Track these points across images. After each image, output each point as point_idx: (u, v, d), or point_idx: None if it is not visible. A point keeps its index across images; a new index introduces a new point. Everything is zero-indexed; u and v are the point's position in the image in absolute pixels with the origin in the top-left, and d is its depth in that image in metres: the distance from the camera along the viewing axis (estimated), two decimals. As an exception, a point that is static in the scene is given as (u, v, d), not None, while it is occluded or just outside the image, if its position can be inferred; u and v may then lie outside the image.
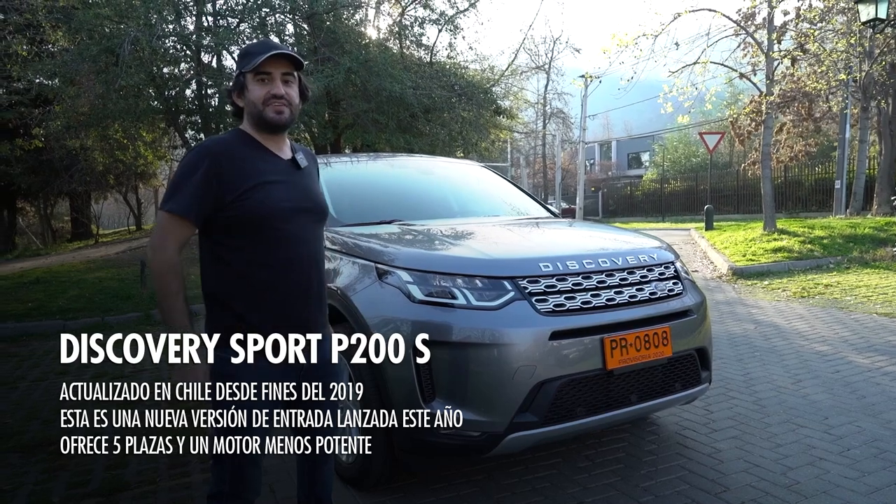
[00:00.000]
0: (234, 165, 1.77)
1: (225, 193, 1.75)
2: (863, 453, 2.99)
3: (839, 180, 17.34)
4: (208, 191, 1.74)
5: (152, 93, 12.91)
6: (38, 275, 9.91)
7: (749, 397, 3.88)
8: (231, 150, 1.80)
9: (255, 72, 1.79)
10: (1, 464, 3.30)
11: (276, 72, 1.80)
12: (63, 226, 29.46)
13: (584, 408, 2.44)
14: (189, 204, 1.73)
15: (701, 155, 35.63)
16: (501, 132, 19.56)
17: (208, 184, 1.74)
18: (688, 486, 2.74)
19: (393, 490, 2.79)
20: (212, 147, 1.79)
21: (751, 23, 14.95)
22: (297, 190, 1.87)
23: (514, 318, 2.38)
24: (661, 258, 2.86)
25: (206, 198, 1.74)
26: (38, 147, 17.34)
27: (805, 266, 9.37)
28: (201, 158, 1.76)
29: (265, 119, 1.81)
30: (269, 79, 1.80)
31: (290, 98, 1.82)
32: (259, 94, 1.80)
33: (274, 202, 1.78)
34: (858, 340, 5.13)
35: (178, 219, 1.75)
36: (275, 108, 1.80)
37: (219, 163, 1.75)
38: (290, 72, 1.83)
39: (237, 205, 1.75)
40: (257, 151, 1.84)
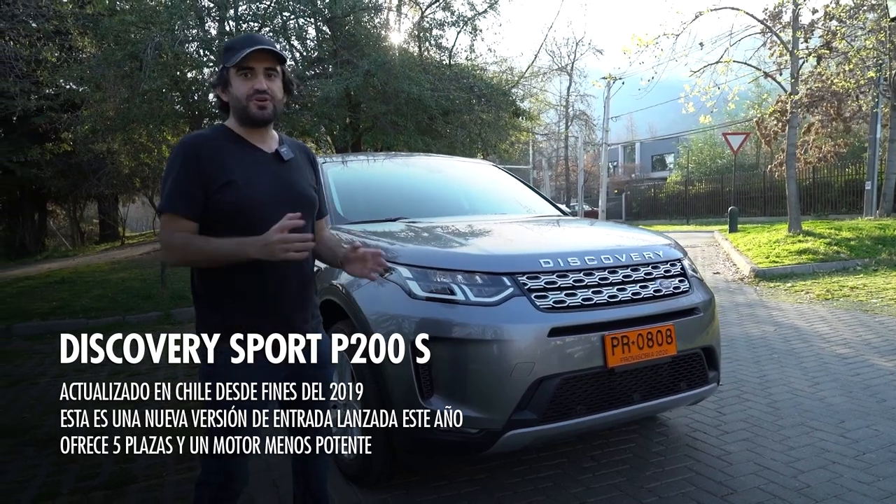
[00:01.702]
0: (213, 158, 1.78)
1: (206, 185, 1.76)
2: (879, 457, 2.90)
3: (870, 181, 16.89)
4: (192, 183, 1.75)
5: (176, 97, 13.14)
6: (64, 275, 10.14)
7: (763, 399, 3.79)
8: (210, 143, 1.81)
9: (237, 67, 1.80)
10: (16, 456, 3.38)
11: (259, 67, 1.80)
12: (92, 228, 30.14)
13: (584, 406, 2.41)
14: (174, 200, 1.75)
15: (726, 157, 35.07)
16: (521, 134, 19.47)
17: (190, 176, 1.75)
18: (694, 488, 2.68)
19: (394, 487, 2.78)
20: (188, 142, 1.81)
21: (777, 21, 14.69)
22: (278, 183, 1.86)
23: (513, 315, 2.36)
24: (667, 255, 2.81)
25: (192, 190, 1.75)
26: (67, 151, 17.79)
27: (830, 268, 9.14)
28: (178, 154, 1.79)
29: (249, 114, 1.82)
30: (252, 74, 1.80)
31: (272, 93, 1.83)
32: (242, 89, 1.81)
33: (253, 195, 1.78)
34: (882, 343, 4.99)
35: (169, 216, 1.77)
36: (258, 103, 1.80)
37: (197, 156, 1.77)
38: (273, 66, 1.83)
39: (216, 198, 1.77)
40: (237, 145, 1.85)
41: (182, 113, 13.44)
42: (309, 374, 1.98)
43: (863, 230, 11.25)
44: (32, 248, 19.27)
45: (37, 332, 6.97)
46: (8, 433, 3.73)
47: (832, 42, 13.24)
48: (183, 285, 9.15)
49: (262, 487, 2.86)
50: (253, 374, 1.83)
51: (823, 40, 14.07)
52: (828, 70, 16.48)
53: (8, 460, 3.32)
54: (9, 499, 2.86)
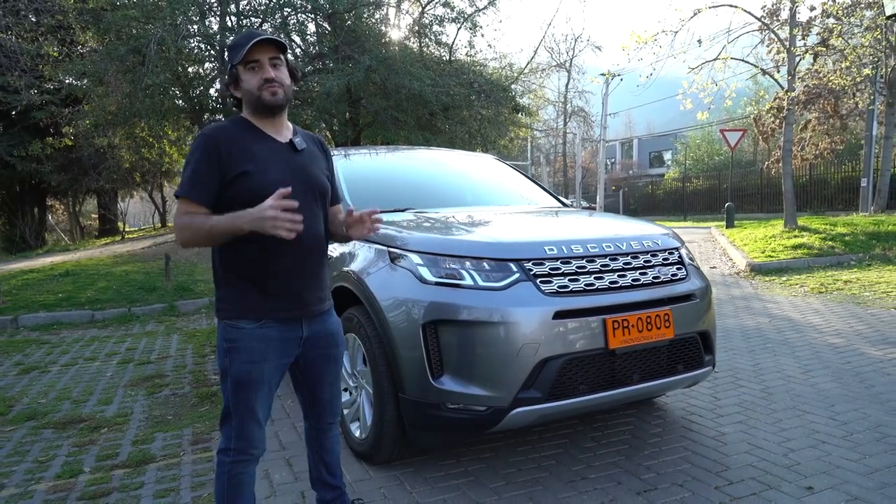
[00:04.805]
0: (231, 147, 1.91)
1: (224, 173, 1.88)
2: (866, 437, 3.03)
3: (865, 178, 17.03)
4: (210, 170, 1.87)
5: (177, 91, 13.21)
6: (68, 268, 10.22)
7: (757, 385, 3.92)
8: (228, 133, 1.94)
9: (244, 62, 1.92)
10: (36, 438, 3.49)
11: (264, 58, 1.93)
12: (91, 223, 30.19)
13: (586, 386, 2.53)
14: (190, 187, 1.87)
15: (724, 153, 35.22)
16: (521, 130, 19.58)
17: (209, 164, 1.87)
18: (690, 466, 2.81)
19: (404, 465, 2.90)
20: (208, 132, 1.93)
21: (774, 19, 14.81)
22: (292, 170, 1.99)
23: (519, 298, 2.48)
24: (666, 244, 2.94)
25: (210, 177, 1.88)
26: (68, 145, 17.84)
27: (825, 263, 9.29)
28: (199, 143, 1.91)
29: (263, 102, 1.94)
30: (259, 66, 1.93)
31: (280, 80, 1.95)
32: (253, 81, 1.93)
33: (268, 182, 1.89)
34: (873, 334, 5.13)
35: (185, 201, 1.89)
36: (269, 90, 1.93)
37: (216, 144, 1.89)
38: (277, 56, 1.96)
39: (234, 185, 1.89)
40: (253, 135, 1.98)
41: (183, 107, 13.52)
42: (322, 352, 2.11)
43: (857, 226, 11.40)
44: (33, 242, 19.32)
45: (44, 323, 7.07)
46: (26, 417, 3.85)
47: (829, 39, 13.36)
48: (186, 278, 9.26)
49: (277, 465, 2.98)
50: (269, 350, 1.96)
51: (820, 38, 14.19)
52: (824, 67, 16.63)
53: (29, 441, 3.44)
54: (34, 476, 2.98)
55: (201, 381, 4.55)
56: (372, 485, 2.73)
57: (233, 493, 1.97)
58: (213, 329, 6.46)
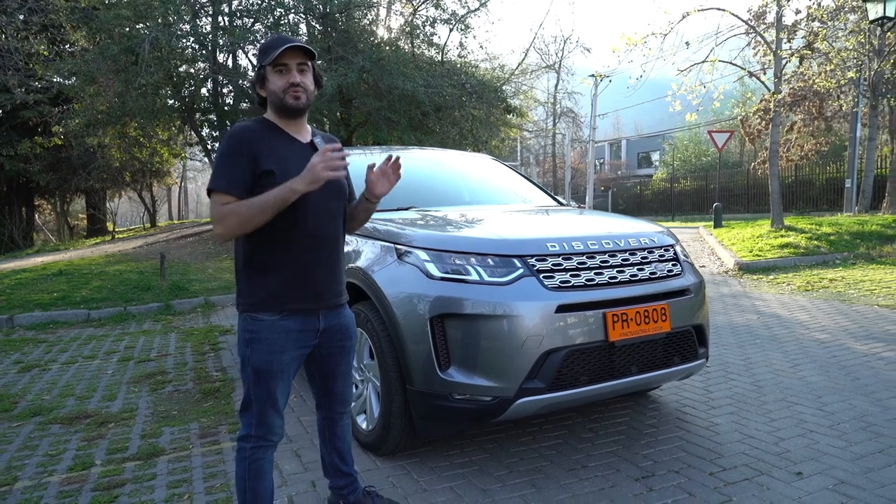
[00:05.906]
0: (259, 145, 2.00)
1: (253, 169, 1.97)
2: (852, 427, 3.17)
3: (850, 179, 17.35)
4: (243, 166, 1.96)
5: (169, 91, 13.21)
6: (61, 267, 10.19)
7: (748, 379, 4.06)
8: (255, 132, 2.03)
9: (273, 64, 2.02)
10: (44, 433, 3.54)
11: (292, 62, 2.02)
12: (78, 223, 29.94)
13: (587, 376, 2.64)
14: (228, 180, 1.95)
15: (711, 154, 35.62)
16: (511, 130, 19.73)
17: (242, 159, 1.96)
18: (685, 454, 2.93)
19: (410, 455, 3.00)
20: (237, 130, 2.03)
21: (761, 21, 15.05)
22: None
23: (523, 293, 2.58)
24: (662, 241, 3.06)
25: (243, 172, 1.96)
26: (57, 144, 17.74)
27: (811, 262, 9.49)
28: (230, 140, 2.00)
29: (286, 105, 2.04)
30: (287, 69, 2.02)
31: (305, 85, 2.05)
32: (279, 84, 2.03)
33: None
34: (858, 329, 5.29)
35: (222, 195, 1.96)
36: (293, 94, 2.03)
37: (247, 141, 1.99)
38: (305, 62, 2.05)
39: (259, 182, 1.97)
40: (278, 135, 2.08)
41: (175, 107, 13.51)
42: (337, 343, 2.20)
43: (842, 226, 11.63)
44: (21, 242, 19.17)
45: (40, 322, 7.08)
46: (32, 413, 3.89)
47: (814, 43, 13.61)
48: (180, 277, 9.28)
49: (286, 457, 3.06)
50: (288, 341, 2.05)
51: (806, 41, 14.45)
52: (810, 70, 16.93)
53: (37, 437, 3.49)
54: (46, 469, 3.04)
55: (203, 377, 4.62)
56: (380, 474, 2.83)
57: (253, 477, 2.06)
58: (211, 328, 6.51)
